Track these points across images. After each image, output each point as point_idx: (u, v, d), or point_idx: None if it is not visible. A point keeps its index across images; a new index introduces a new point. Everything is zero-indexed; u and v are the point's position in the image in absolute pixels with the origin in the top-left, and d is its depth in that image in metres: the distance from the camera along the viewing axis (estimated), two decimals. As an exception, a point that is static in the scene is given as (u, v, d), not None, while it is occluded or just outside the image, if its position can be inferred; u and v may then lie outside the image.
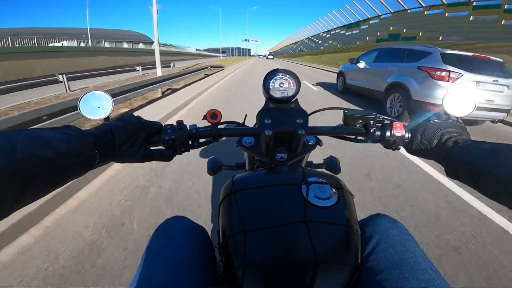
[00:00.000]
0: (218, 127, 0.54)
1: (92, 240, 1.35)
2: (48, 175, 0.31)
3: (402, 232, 0.45)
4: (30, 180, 0.29)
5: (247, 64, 26.10)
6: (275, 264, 0.37)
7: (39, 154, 0.30)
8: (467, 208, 1.76)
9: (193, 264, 0.40)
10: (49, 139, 0.32)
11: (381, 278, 0.37)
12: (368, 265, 0.40)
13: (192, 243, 0.43)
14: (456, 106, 0.51)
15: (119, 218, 1.54)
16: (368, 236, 0.45)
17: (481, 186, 0.37)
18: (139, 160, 0.45)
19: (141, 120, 0.47)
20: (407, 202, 1.79)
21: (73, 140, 0.35)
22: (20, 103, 5.57)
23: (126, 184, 1.93)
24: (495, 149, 0.37)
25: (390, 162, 2.42)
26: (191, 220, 0.48)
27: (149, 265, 0.40)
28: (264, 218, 0.41)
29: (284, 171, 0.51)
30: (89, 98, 0.49)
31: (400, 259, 0.39)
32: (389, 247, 0.41)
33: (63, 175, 0.34)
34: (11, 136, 0.29)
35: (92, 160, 0.38)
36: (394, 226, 0.46)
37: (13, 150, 0.28)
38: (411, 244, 0.42)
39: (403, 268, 0.38)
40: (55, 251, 1.28)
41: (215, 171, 0.80)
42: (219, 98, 5.65)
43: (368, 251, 0.42)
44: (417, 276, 0.36)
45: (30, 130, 0.32)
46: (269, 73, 0.56)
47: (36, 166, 0.30)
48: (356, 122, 0.55)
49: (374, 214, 0.50)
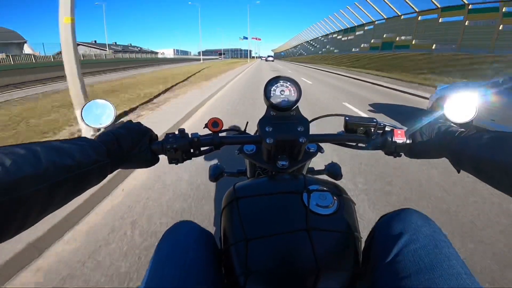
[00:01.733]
0: (220, 134, 0.54)
1: None
2: (71, 183, 0.33)
3: (435, 232, 0.41)
4: (56, 188, 0.31)
5: (244, 73, 15.10)
6: (277, 272, 0.38)
7: (61, 163, 0.32)
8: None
9: (201, 267, 0.40)
10: (66, 149, 0.34)
11: (407, 284, 0.34)
12: (393, 268, 0.37)
13: (199, 247, 0.43)
14: (457, 112, 0.51)
15: None
16: (396, 234, 0.41)
17: (485, 175, 0.37)
18: (145, 166, 0.48)
19: (142, 126, 0.49)
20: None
21: (88, 149, 0.37)
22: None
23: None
24: (497, 137, 0.36)
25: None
26: (198, 225, 0.48)
27: (158, 267, 0.40)
28: (266, 226, 0.42)
29: (286, 179, 0.51)
30: (91, 107, 0.51)
31: (431, 263, 0.36)
32: (420, 248, 0.38)
33: (84, 182, 0.35)
34: (32, 147, 0.31)
35: (106, 167, 0.39)
36: (426, 224, 0.42)
37: (37, 159, 0.29)
38: (445, 245, 0.39)
39: (434, 273, 0.34)
40: None
41: (217, 178, 0.80)
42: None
43: (395, 252, 0.39)
44: (449, 282, 0.33)
45: (45, 142, 0.33)
46: (270, 80, 0.56)
47: (59, 174, 0.31)
48: (357, 129, 0.54)
49: (403, 209, 0.46)
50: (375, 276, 0.39)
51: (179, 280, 0.37)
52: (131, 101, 5.24)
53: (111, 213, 1.75)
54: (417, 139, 0.49)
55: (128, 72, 18.00)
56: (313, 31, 49.16)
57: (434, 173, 2.31)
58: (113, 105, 0.51)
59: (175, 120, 3.75)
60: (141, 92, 6.47)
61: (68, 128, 3.40)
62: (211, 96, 6.28)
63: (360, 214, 1.72)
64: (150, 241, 1.47)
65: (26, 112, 4.35)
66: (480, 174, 0.37)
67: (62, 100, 5.29)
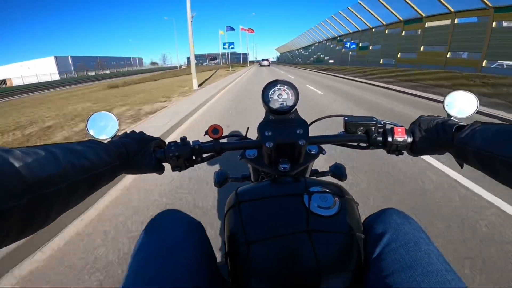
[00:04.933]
0: (221, 141, 0.54)
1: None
2: (87, 182, 0.34)
3: (415, 229, 0.42)
4: (74, 187, 0.32)
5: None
6: (278, 274, 0.38)
7: (78, 164, 0.33)
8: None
9: (192, 264, 0.38)
10: (81, 151, 0.35)
11: (390, 282, 0.35)
12: (376, 268, 0.38)
13: (189, 240, 0.41)
14: (458, 107, 0.50)
15: None
16: (378, 234, 0.42)
17: (490, 170, 0.36)
18: (150, 170, 0.49)
19: (145, 135, 0.51)
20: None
21: (101, 151, 0.38)
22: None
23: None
24: (503, 131, 0.35)
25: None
26: (186, 214, 0.47)
27: (142, 265, 0.37)
28: (267, 229, 0.42)
29: (286, 182, 0.51)
30: (96, 119, 0.52)
31: (412, 260, 0.37)
32: (400, 246, 0.39)
33: (97, 182, 0.37)
34: (50, 148, 0.32)
35: (116, 169, 0.41)
36: (406, 222, 0.43)
37: (57, 160, 0.31)
38: (424, 242, 0.40)
39: (415, 270, 0.35)
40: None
41: (222, 184, 0.80)
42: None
43: (377, 251, 0.40)
44: (430, 278, 0.34)
45: (60, 144, 0.34)
46: (267, 84, 0.56)
47: (77, 174, 0.32)
48: (357, 129, 0.54)
49: (384, 209, 0.48)
50: (363, 277, 0.40)
51: (168, 280, 0.35)
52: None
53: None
54: (417, 136, 0.48)
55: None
56: (308, 37, 41.73)
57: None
58: (116, 117, 0.53)
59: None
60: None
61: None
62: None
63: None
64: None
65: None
66: (484, 168, 0.37)
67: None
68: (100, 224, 1.75)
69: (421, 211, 1.75)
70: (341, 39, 26.87)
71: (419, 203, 1.85)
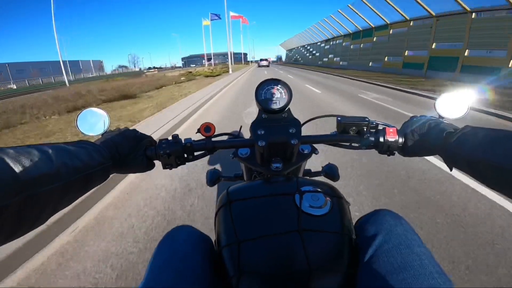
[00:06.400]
0: (214, 139, 0.55)
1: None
2: (79, 182, 0.35)
3: (407, 231, 0.42)
4: (68, 187, 0.32)
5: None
6: (269, 273, 0.38)
7: (71, 164, 0.33)
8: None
9: (198, 273, 0.40)
10: (74, 151, 0.35)
11: (382, 284, 0.35)
12: (368, 269, 0.38)
13: (198, 252, 0.43)
14: (449, 108, 0.50)
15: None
16: (371, 235, 0.42)
17: (479, 174, 0.36)
18: (141, 170, 0.50)
19: (137, 133, 0.51)
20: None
21: (93, 152, 0.39)
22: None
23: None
24: (491, 136, 0.35)
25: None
26: (197, 229, 0.49)
27: (156, 272, 0.40)
28: (257, 228, 0.42)
29: (278, 181, 0.52)
30: (86, 115, 0.52)
31: (403, 263, 0.37)
32: (392, 248, 0.39)
33: (89, 182, 0.37)
34: (43, 148, 0.32)
35: (109, 169, 0.41)
36: (398, 223, 0.43)
37: (50, 160, 0.31)
38: (416, 244, 0.40)
39: (407, 272, 0.35)
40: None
41: (214, 182, 0.80)
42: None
43: (370, 253, 0.40)
44: (421, 281, 0.34)
45: (53, 144, 0.34)
46: (261, 83, 0.56)
47: (70, 174, 0.33)
48: (350, 129, 0.54)
49: (377, 210, 0.48)
50: (354, 278, 0.40)
51: (176, 285, 0.37)
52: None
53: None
54: (409, 137, 0.49)
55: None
56: (308, 36, 34.82)
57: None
58: (107, 114, 0.52)
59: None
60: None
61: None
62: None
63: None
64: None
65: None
66: (473, 173, 0.37)
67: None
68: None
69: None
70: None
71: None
